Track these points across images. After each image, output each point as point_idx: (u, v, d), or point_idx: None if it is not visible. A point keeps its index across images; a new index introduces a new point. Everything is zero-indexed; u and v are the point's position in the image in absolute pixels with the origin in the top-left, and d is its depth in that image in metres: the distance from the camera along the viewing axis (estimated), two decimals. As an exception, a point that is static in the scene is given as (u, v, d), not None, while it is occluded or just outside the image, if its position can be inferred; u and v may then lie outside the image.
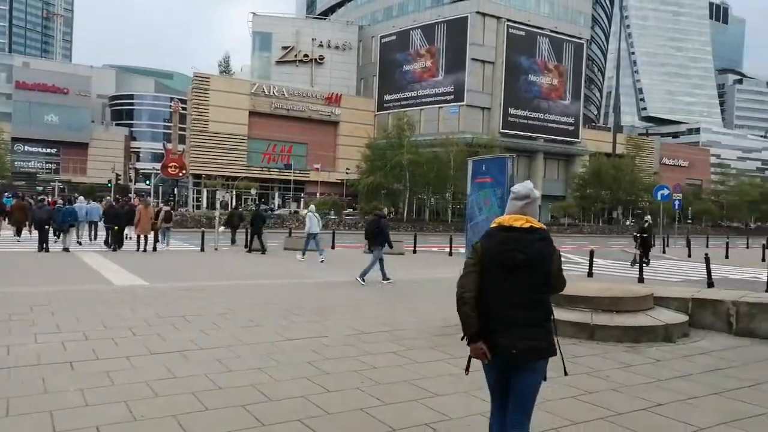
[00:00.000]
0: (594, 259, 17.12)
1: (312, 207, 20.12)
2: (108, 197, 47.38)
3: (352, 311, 9.15)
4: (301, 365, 5.88)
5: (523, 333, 3.07)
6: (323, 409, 4.61)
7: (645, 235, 19.61)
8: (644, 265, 18.55)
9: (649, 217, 23.21)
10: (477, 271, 3.16)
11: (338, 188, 57.51)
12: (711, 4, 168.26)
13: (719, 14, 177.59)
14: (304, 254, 17.96)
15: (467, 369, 3.31)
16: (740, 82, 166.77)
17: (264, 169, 60.27)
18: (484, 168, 7.72)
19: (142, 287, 11.22)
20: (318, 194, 55.16)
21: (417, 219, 49.05)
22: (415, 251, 22.81)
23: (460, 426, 4.38)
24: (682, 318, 8.08)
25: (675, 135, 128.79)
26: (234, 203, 52.86)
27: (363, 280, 12.59)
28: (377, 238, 13.03)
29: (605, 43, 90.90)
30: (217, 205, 24.32)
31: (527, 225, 3.17)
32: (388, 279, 12.82)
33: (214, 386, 5.11)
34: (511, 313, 3.09)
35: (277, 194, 62.92)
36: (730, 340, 7.78)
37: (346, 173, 55.05)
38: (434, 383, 5.41)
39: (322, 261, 17.24)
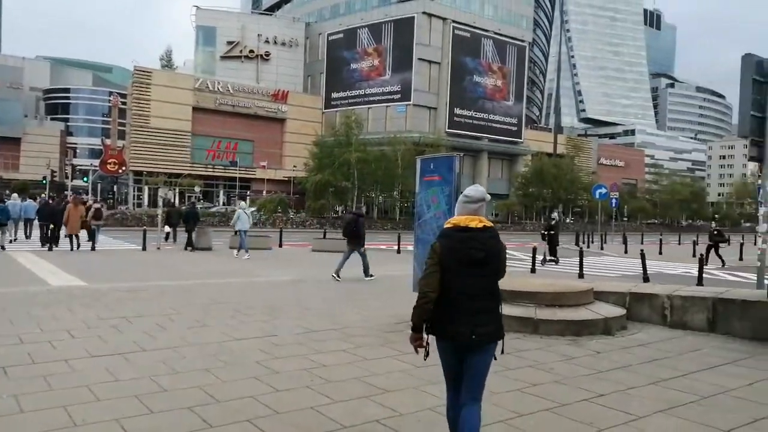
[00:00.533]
0: (538, 256, 17.60)
1: (243, 204, 20.35)
2: (43, 194, 45.34)
3: (301, 310, 9.08)
4: (249, 365, 5.80)
5: (480, 320, 3.39)
6: (272, 408, 4.56)
7: (552, 232, 19.85)
8: (552, 264, 18.87)
9: (555, 214, 23.58)
10: (438, 270, 3.41)
11: (285, 186, 56.88)
12: (645, 11, 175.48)
13: (653, 20, 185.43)
14: (247, 251, 17.94)
15: (426, 356, 3.54)
16: (672, 86, 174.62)
17: (209, 166, 59.02)
18: (432, 166, 7.81)
19: (81, 288, 10.79)
20: (264, 192, 54.44)
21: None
22: (362, 249, 22.81)
23: (411, 421, 4.43)
24: (621, 311, 8.41)
25: (612, 136, 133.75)
26: (176, 201, 51.56)
27: (370, 276, 13.23)
28: (357, 236, 13.39)
29: (546, 46, 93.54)
30: (160, 203, 23.50)
31: (481, 225, 3.47)
32: (338, 277, 12.83)
33: (159, 389, 4.98)
34: (471, 304, 3.39)
35: (222, 192, 61.73)
36: (665, 332, 8.15)
37: (293, 169, 54.56)
38: (384, 380, 5.44)
39: (236, 256, 17.88)
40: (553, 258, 19.41)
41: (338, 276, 12.84)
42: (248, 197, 59.39)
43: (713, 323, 8.10)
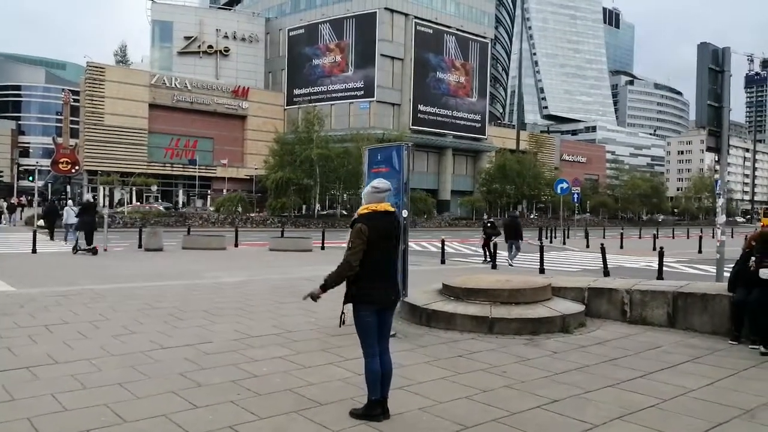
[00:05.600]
0: (500, 252, 17.29)
1: (70, 203, 24.20)
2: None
3: (244, 313, 8.48)
4: (171, 377, 5.20)
5: (395, 283, 4.41)
6: (184, 429, 4.00)
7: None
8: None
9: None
10: (364, 249, 4.13)
11: (247, 184, 55.79)
12: (604, 9, 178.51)
13: (612, 19, 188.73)
14: (71, 240, 19.87)
15: (342, 323, 4.47)
16: (631, 83, 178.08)
17: (167, 164, 57.40)
18: (379, 157, 7.32)
19: (6, 294, 9.93)
20: (225, 191, 53.25)
21: (329, 215, 48.40)
22: (323, 247, 22.22)
23: (343, 439, 3.92)
24: (579, 308, 8.06)
25: (574, 132, 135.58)
26: (132, 200, 50.02)
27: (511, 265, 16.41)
28: (516, 233, 17.23)
29: (509, 44, 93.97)
30: (103, 202, 22.69)
31: (392, 210, 4.38)
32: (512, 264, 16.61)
33: (59, 408, 4.36)
34: (390, 269, 4.33)
35: (181, 191, 60.20)
36: (624, 328, 7.83)
37: (255, 169, 53.49)
38: (320, 390, 4.92)
39: (66, 243, 20.15)
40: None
41: (512, 264, 16.48)
42: (209, 196, 58.29)
43: (673, 318, 7.83)
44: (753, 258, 6.73)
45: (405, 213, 7.03)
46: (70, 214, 21.13)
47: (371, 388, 4.23)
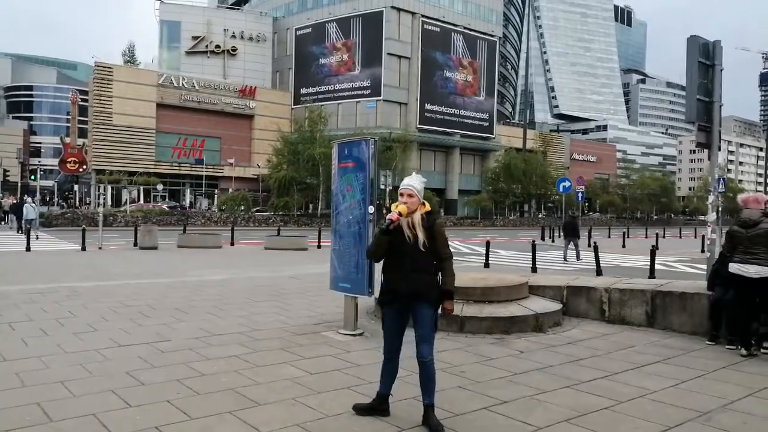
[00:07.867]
0: (499, 251, 17.09)
1: (29, 199, 26.10)
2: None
3: (216, 311, 8.36)
4: (116, 376, 5.08)
5: None
6: (108, 428, 3.87)
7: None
8: None
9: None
10: None
11: (254, 183, 55.78)
12: (616, 7, 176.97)
13: (623, 17, 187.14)
14: (37, 237, 22.54)
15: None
16: (643, 81, 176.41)
17: (174, 164, 57.60)
18: (346, 151, 7.14)
19: (-15, 291, 9.91)
20: (231, 189, 53.34)
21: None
22: (319, 246, 22.11)
23: (270, 441, 3.78)
24: (555, 306, 7.85)
25: (585, 131, 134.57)
26: (140, 199, 50.30)
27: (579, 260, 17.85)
28: (575, 232, 18.88)
29: (518, 43, 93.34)
30: (100, 201, 23.04)
31: None
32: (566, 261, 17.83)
33: (-11, 407, 4.25)
34: None
35: (188, 190, 60.37)
36: (601, 328, 7.62)
37: (258, 167, 53.53)
38: (263, 390, 4.77)
39: (37, 240, 21.84)
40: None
41: (566, 260, 17.93)
42: (216, 195, 58.46)
43: (652, 318, 7.60)
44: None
45: (371, 209, 6.86)
46: (29, 210, 23.42)
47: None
